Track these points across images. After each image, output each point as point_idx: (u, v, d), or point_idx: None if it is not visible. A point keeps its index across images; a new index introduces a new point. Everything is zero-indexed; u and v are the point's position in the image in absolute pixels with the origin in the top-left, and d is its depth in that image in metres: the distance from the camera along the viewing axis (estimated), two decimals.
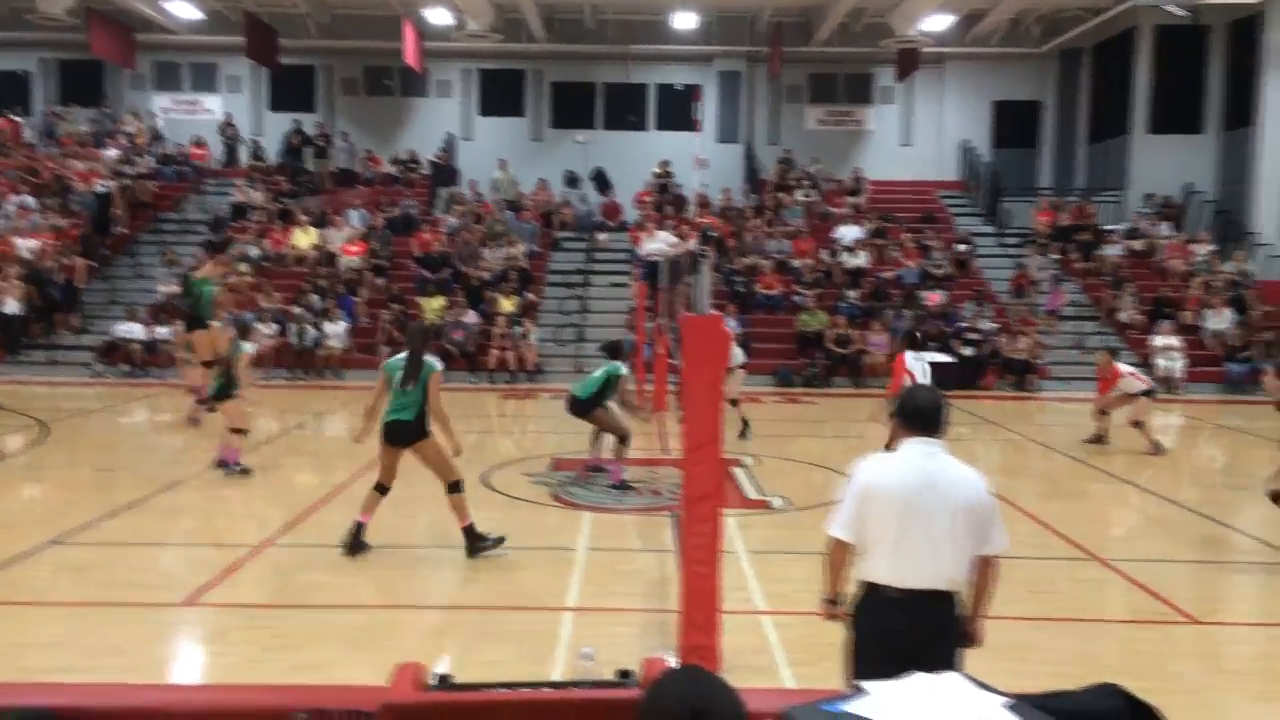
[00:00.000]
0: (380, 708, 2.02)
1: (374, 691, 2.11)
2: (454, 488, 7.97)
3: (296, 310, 19.89)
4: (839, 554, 3.91)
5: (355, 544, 7.82)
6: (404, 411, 7.86)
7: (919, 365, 10.05)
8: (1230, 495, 10.95)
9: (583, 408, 10.58)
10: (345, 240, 22.15)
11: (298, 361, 19.47)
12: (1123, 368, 13.76)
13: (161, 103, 26.80)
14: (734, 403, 13.69)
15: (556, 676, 5.40)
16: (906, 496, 3.71)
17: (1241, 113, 23.21)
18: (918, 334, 11.20)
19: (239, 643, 6.09)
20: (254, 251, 21.85)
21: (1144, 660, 5.99)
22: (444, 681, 2.20)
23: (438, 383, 7.86)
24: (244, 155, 25.93)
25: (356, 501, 9.76)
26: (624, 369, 10.68)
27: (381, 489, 8.06)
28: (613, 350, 10.99)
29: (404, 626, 6.51)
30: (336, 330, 19.62)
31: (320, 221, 22.80)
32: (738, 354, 13.75)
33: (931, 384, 8.43)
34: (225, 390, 10.82)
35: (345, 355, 19.59)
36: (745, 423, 13.54)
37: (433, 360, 7.98)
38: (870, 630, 3.80)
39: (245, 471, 10.56)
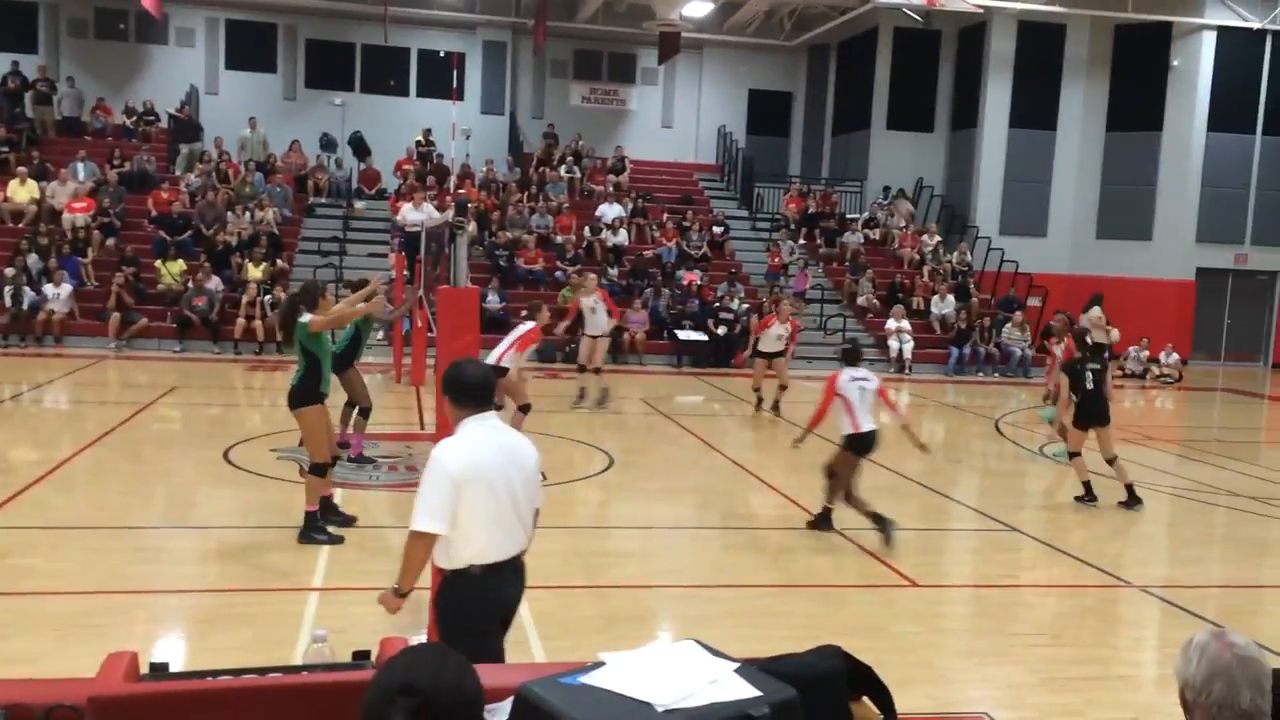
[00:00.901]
0: (87, 701, 1.86)
1: (79, 684, 1.94)
2: (316, 470, 7.62)
3: (11, 271, 18.10)
4: (427, 547, 3.78)
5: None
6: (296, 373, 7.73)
7: (855, 388, 8.42)
8: (950, 468, 11.91)
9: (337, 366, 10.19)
10: (70, 195, 20.35)
11: (13, 327, 17.75)
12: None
13: None
14: (596, 370, 14.04)
15: (296, 661, 5.21)
16: (494, 474, 3.77)
17: (967, 114, 25.18)
18: (857, 350, 9.41)
19: None
20: None
21: (870, 623, 6.43)
22: (160, 670, 2.06)
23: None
24: None
25: (80, 480, 9.07)
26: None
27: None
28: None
29: (129, 613, 6.08)
30: (59, 294, 18.02)
31: (41, 174, 20.82)
32: (601, 322, 14.36)
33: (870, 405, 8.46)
34: None
35: (69, 321, 18.04)
36: (605, 391, 14.29)
37: (303, 318, 7.54)
38: (476, 610, 3.82)
39: None
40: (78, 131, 23.21)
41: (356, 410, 10.10)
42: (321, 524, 7.59)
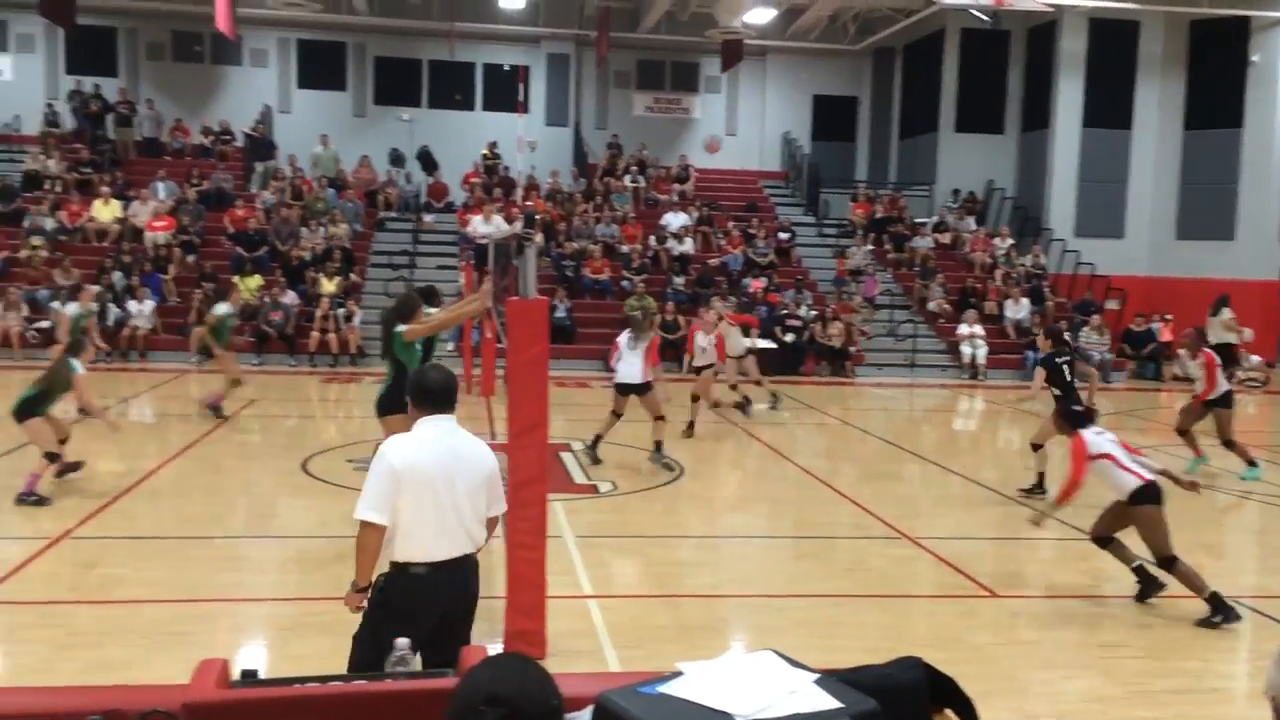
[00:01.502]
0: (181, 707, 1.92)
1: (174, 690, 2.00)
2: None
3: (97, 288, 18.68)
4: (374, 539, 3.91)
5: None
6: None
7: (1107, 443, 6.96)
8: (1026, 476, 11.67)
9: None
10: (151, 214, 20.95)
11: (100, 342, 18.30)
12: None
13: None
14: (758, 382, 14.14)
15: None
16: (437, 473, 3.90)
17: (1038, 115, 24.74)
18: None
19: (30, 642, 5.70)
20: (49, 224, 20.40)
21: (947, 633, 6.32)
22: (250, 677, 2.11)
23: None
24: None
25: (165, 491, 9.32)
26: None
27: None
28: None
29: (214, 621, 6.23)
30: (143, 310, 18.56)
31: (123, 194, 21.49)
32: (741, 343, 13.91)
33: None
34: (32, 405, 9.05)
35: (152, 336, 18.57)
36: (747, 401, 14.05)
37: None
38: (402, 608, 3.89)
39: (40, 502, 8.64)
40: (157, 152, 23.90)
41: None
42: None
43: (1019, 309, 21.45)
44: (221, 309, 13.32)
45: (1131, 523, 6.81)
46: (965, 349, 20.30)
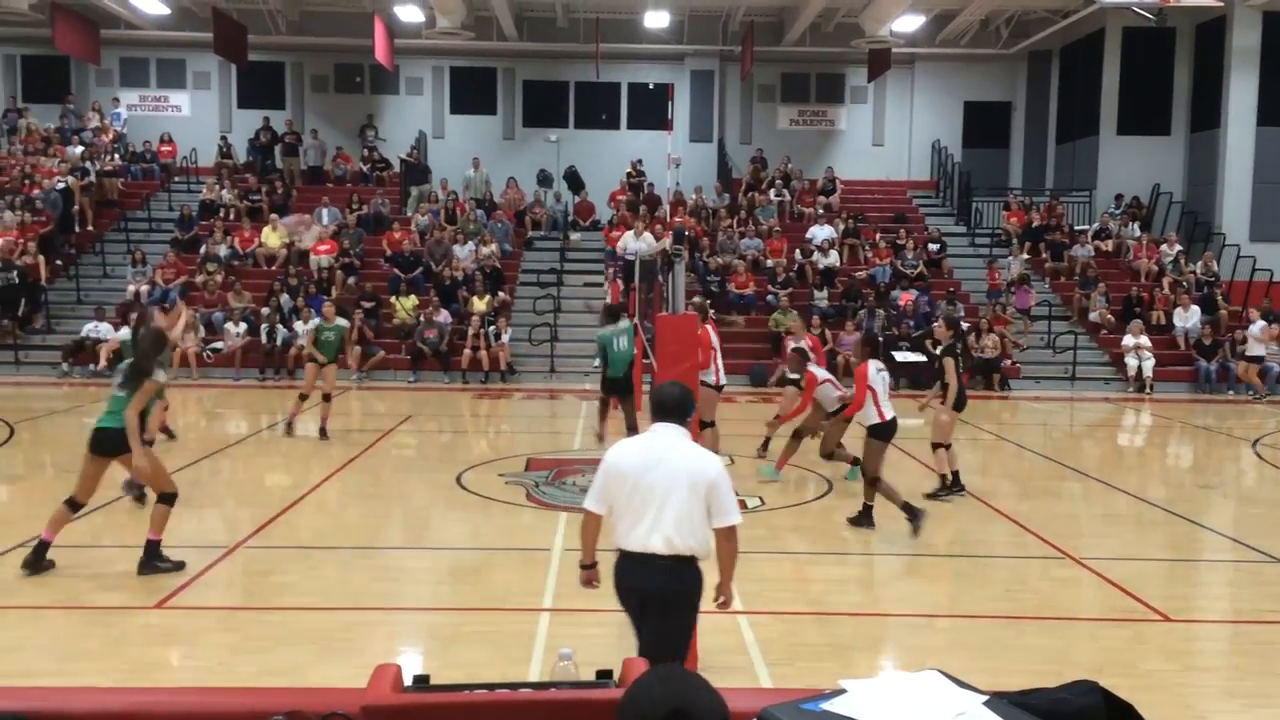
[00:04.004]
0: (359, 710, 2.00)
1: (352, 694, 2.09)
2: (165, 499, 7.38)
3: (266, 310, 19.73)
4: (589, 524, 4.53)
5: (38, 562, 7.11)
6: (118, 419, 7.19)
7: (881, 379, 8.89)
8: (1200, 493, 11.07)
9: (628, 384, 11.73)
10: (316, 239, 21.99)
11: (268, 361, 19.31)
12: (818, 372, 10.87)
13: (128, 99, 26.46)
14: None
15: (535, 677, 5.37)
16: (638, 473, 4.26)
17: (1208, 114, 23.48)
18: (878, 340, 10.89)
19: (210, 645, 6.02)
20: (223, 250, 21.66)
21: (1116, 657, 6.03)
22: (422, 682, 2.18)
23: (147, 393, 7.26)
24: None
25: (329, 504, 9.74)
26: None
27: (73, 505, 7.30)
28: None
29: (376, 628, 6.46)
30: (307, 330, 19.44)
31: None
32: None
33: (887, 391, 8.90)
34: None
35: None
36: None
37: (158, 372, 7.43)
38: (618, 586, 4.41)
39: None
40: (321, 179, 25.11)
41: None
42: (162, 552, 7.28)
43: (1189, 318, 20.36)
44: (314, 322, 13.87)
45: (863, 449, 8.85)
46: (1130, 361, 19.39)
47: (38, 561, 7.16)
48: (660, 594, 4.27)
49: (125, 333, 11.83)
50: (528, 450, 12.52)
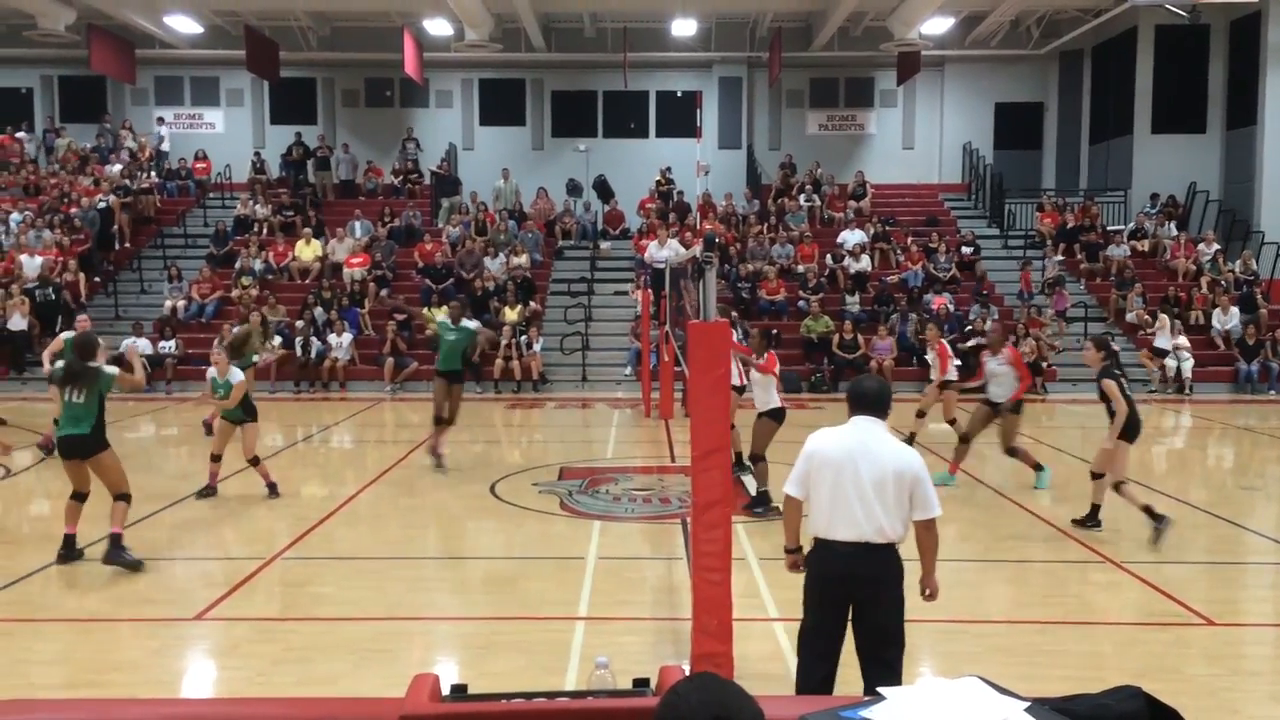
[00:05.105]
0: (399, 718, 2.00)
1: (390, 703, 2.09)
2: (121, 497, 7.89)
3: (300, 323, 19.91)
4: (793, 509, 4.65)
5: (69, 554, 7.83)
6: (79, 425, 7.69)
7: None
8: (1241, 495, 10.90)
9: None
10: (348, 252, 22.18)
11: (303, 374, 19.47)
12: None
13: (163, 117, 26.84)
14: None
15: (570, 686, 5.37)
16: (841, 460, 4.34)
17: (1244, 111, 23.18)
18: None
19: (250, 656, 6.07)
20: (257, 265, 21.89)
21: (1158, 663, 5.94)
22: (459, 692, 2.19)
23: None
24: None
25: (364, 514, 9.80)
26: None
27: (79, 497, 7.93)
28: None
29: (412, 638, 6.48)
30: (341, 342, 19.63)
31: (322, 233, 22.84)
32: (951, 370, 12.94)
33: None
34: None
35: (350, 367, 19.60)
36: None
37: (108, 369, 7.87)
38: (814, 575, 4.47)
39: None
40: (353, 193, 25.34)
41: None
42: (124, 545, 7.75)
43: (1228, 318, 20.08)
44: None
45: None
46: (1170, 361, 19.14)
47: (69, 554, 7.84)
48: (877, 581, 4.33)
49: (67, 335, 11.98)
50: (561, 459, 12.53)
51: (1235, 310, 20.17)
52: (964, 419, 11.44)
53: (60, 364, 8.02)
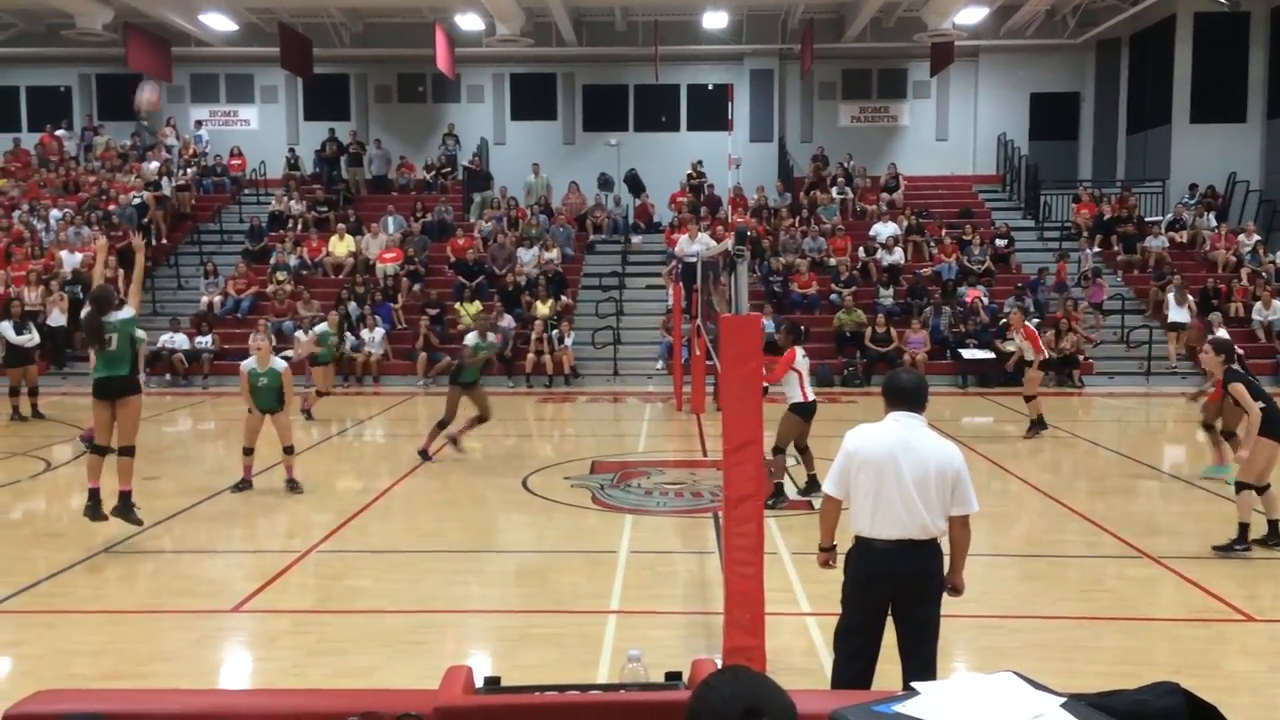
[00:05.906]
0: (432, 711, 2.02)
1: (425, 695, 2.11)
2: (127, 451, 8.25)
3: (334, 318, 20.02)
4: (830, 508, 4.61)
5: (95, 509, 8.20)
6: (117, 367, 8.09)
7: (805, 363, 9.62)
8: None
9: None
10: (381, 247, 22.32)
11: (337, 369, 19.59)
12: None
13: (199, 114, 27.13)
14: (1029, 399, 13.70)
15: (603, 679, 5.39)
16: (883, 458, 4.29)
17: None
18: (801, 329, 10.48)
19: (286, 648, 6.14)
20: (292, 260, 22.07)
21: (1199, 659, 5.87)
22: (493, 684, 2.20)
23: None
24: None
25: (398, 508, 9.87)
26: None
27: (99, 450, 8.29)
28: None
29: (446, 631, 6.53)
30: (374, 337, 19.76)
31: (356, 229, 22.99)
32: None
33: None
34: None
35: (384, 362, 19.73)
36: (1038, 420, 13.61)
37: (126, 313, 8.24)
38: (857, 574, 4.43)
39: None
40: (385, 188, 25.48)
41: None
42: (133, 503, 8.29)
43: (1270, 311, 19.76)
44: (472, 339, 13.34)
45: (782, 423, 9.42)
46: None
47: (95, 509, 8.22)
48: (921, 578, 4.33)
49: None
50: (592, 453, 12.56)
51: (1277, 303, 19.85)
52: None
53: (84, 317, 8.28)
